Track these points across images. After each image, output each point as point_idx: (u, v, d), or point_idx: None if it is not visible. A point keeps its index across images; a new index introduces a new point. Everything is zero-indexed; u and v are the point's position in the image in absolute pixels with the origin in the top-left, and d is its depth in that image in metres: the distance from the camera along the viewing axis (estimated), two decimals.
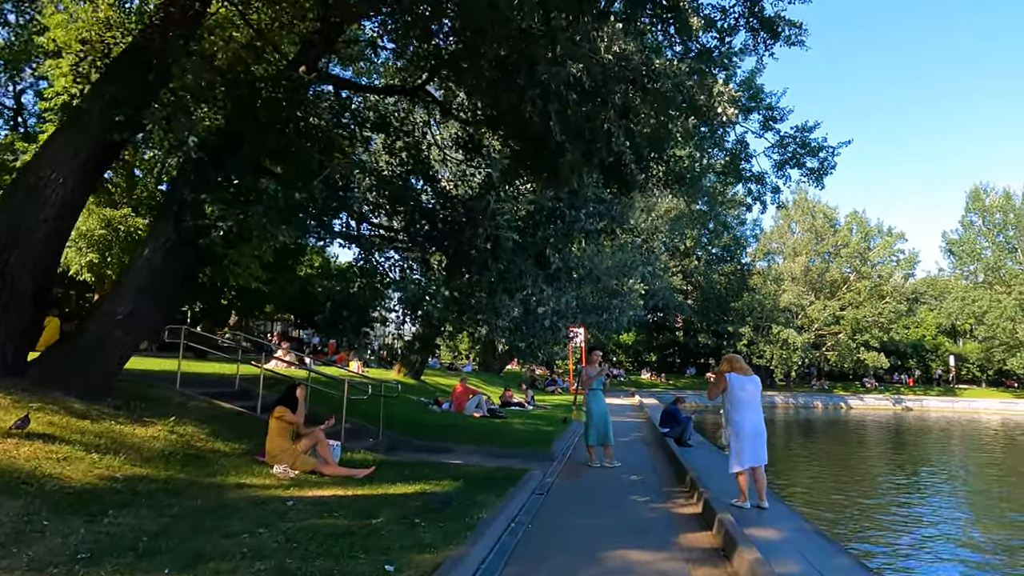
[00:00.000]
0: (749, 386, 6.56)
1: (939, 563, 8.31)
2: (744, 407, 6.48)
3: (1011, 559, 8.57)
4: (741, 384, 6.54)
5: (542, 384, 33.39)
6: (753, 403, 6.54)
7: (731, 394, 6.53)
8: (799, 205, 47.93)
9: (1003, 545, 9.29)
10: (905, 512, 11.32)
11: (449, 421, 13.17)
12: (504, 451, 10.02)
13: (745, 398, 6.50)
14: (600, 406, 9.19)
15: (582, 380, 9.42)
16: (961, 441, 25.87)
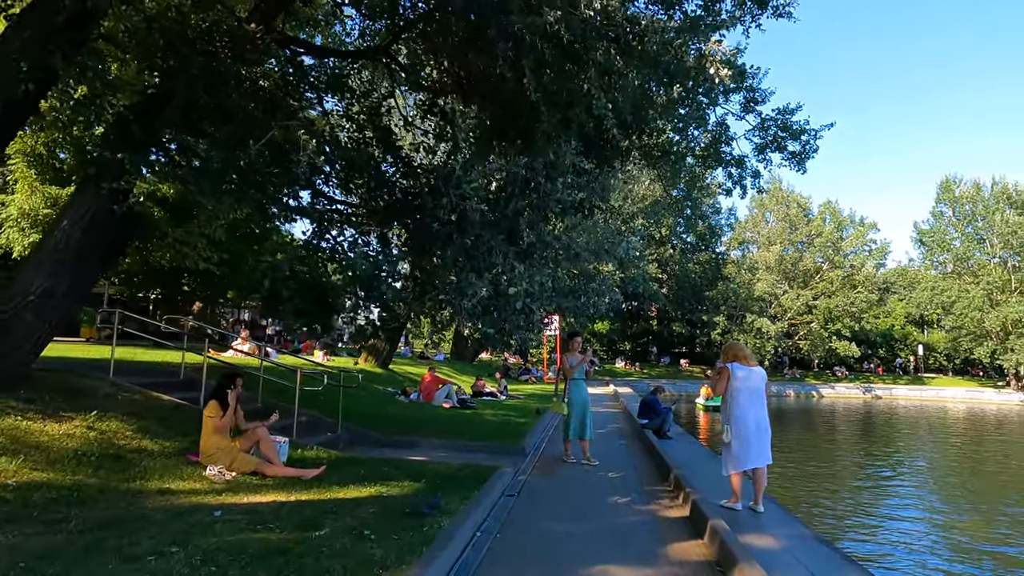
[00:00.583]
0: (753, 377, 5.94)
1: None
2: (746, 400, 5.86)
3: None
4: (743, 375, 5.92)
5: (516, 373, 32.77)
6: (756, 396, 5.92)
7: (732, 386, 5.90)
8: (773, 194, 48.00)
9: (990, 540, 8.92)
10: (880, 501, 10.96)
11: (416, 413, 12.42)
12: (473, 445, 9.32)
13: (747, 390, 5.88)
14: (582, 397, 8.55)
15: (563, 370, 8.71)
16: (935, 431, 25.96)
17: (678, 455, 8.72)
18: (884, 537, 8.94)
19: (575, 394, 8.52)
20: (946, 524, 9.97)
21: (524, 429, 11.07)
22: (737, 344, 6.24)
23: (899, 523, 9.72)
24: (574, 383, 8.59)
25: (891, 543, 8.68)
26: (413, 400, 14.77)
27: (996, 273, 41.00)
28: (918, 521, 10.03)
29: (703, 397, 30.40)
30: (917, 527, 9.62)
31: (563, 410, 8.46)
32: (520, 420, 12.70)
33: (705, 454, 9.67)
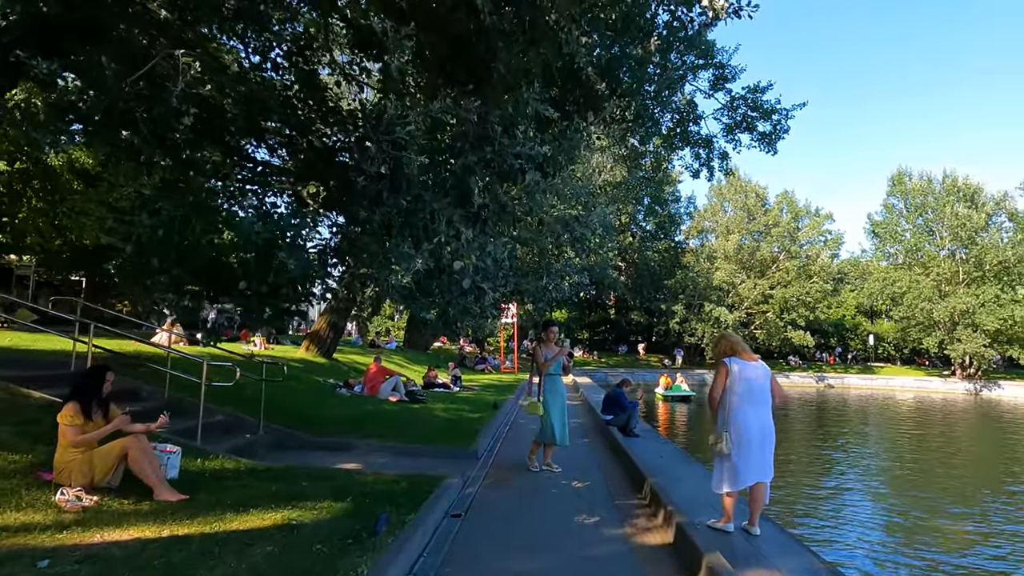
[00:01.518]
0: (755, 374, 4.92)
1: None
2: (748, 402, 4.83)
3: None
4: (744, 372, 4.89)
5: (472, 362, 31.60)
6: (761, 396, 4.90)
7: (732, 385, 4.86)
8: (732, 184, 47.87)
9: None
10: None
11: (357, 408, 11.13)
12: (418, 448, 8.12)
13: (749, 390, 4.85)
14: (559, 395, 7.47)
15: (536, 364, 7.55)
16: (891, 419, 25.99)
17: (649, 458, 7.72)
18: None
19: (550, 392, 7.42)
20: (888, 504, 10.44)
21: (477, 427, 9.92)
22: (732, 336, 5.20)
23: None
24: (550, 380, 7.48)
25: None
26: (357, 393, 13.46)
27: (945, 265, 41.79)
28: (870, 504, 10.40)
29: (662, 387, 29.90)
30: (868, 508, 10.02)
31: (538, 411, 7.34)
32: (474, 415, 11.56)
33: (677, 454, 8.72)
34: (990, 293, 39.11)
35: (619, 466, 7.85)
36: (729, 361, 4.89)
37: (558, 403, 7.42)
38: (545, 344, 7.56)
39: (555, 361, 7.46)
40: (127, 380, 8.45)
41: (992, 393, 38.58)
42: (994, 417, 27.12)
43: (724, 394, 4.87)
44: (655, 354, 48.23)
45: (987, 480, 12.50)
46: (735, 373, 4.86)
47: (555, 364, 7.47)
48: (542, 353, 7.47)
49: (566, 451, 8.38)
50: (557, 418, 7.34)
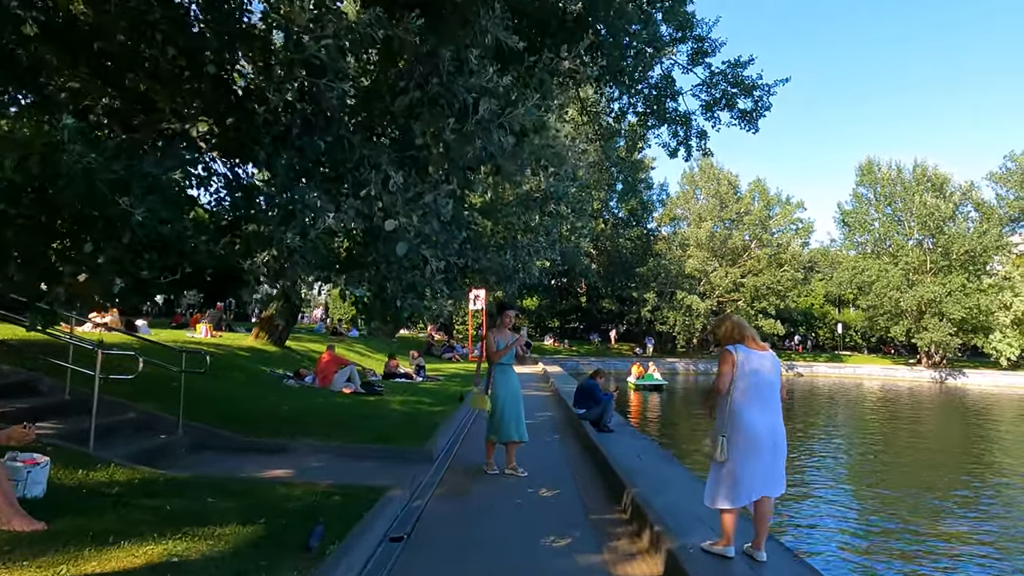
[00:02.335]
0: (764, 366, 4.01)
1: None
2: (756, 400, 3.93)
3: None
4: (751, 363, 3.98)
5: (439, 351, 30.50)
6: (770, 393, 4.00)
7: (738, 377, 3.95)
8: (704, 171, 47.56)
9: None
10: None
11: (303, 402, 10.02)
12: (364, 449, 7.08)
13: (757, 385, 3.95)
14: (511, 389, 6.54)
15: (487, 352, 6.66)
16: (867, 408, 25.79)
17: (627, 458, 6.83)
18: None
19: (501, 385, 6.49)
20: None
21: (437, 421, 8.91)
22: (738, 318, 4.27)
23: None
24: (500, 370, 6.55)
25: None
26: (307, 385, 12.33)
27: (913, 254, 42.02)
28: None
29: (634, 376, 29.26)
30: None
31: (485, 405, 6.41)
32: (434, 408, 10.55)
33: (657, 453, 7.85)
34: (957, 282, 39.43)
35: (594, 469, 6.93)
36: (734, 349, 3.98)
37: (511, 397, 6.49)
38: (498, 330, 6.60)
39: (509, 351, 6.52)
40: (22, 372, 7.27)
41: (957, 381, 39.03)
42: (967, 406, 27.14)
43: (729, 390, 3.96)
44: (627, 342, 47.80)
45: (971, 472, 12.07)
46: (740, 364, 3.95)
47: (508, 354, 6.53)
48: (494, 340, 6.53)
49: (534, 452, 7.45)
50: (511, 413, 6.42)
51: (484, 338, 6.69)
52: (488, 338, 6.60)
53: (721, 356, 4.04)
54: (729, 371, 3.96)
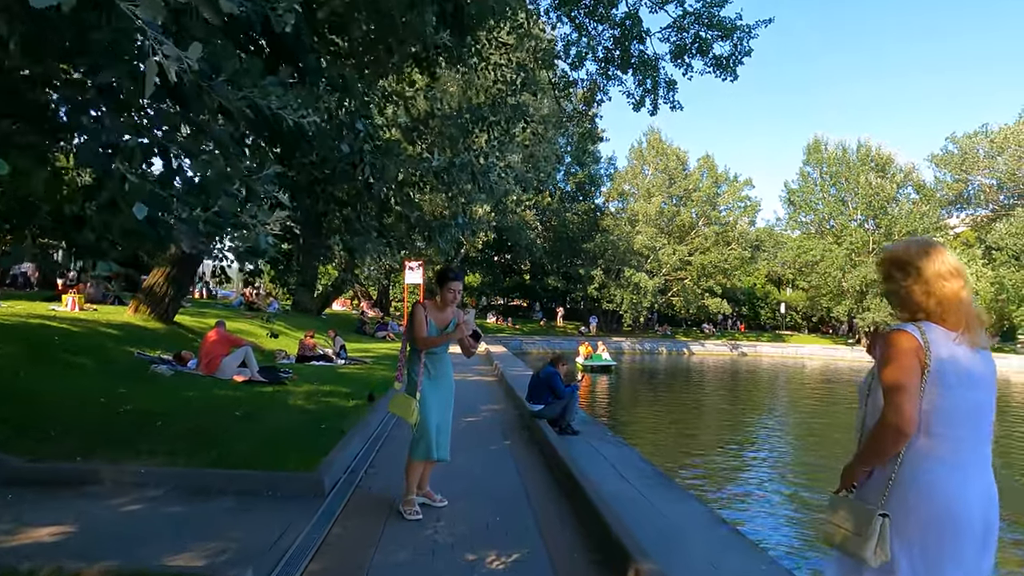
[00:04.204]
0: (979, 376, 1.89)
1: None
2: (965, 443, 1.85)
3: None
4: (960, 369, 1.86)
5: (372, 328, 27.85)
6: (984, 426, 1.91)
7: (932, 389, 1.84)
8: (653, 146, 46.21)
9: None
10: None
11: (168, 398, 7.46)
12: (223, 477, 4.70)
13: (968, 416, 1.85)
14: (444, 390, 4.41)
15: (413, 335, 4.39)
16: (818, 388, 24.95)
17: (608, 480, 4.76)
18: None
19: (435, 384, 4.33)
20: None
21: (343, 427, 6.58)
22: (941, 264, 2.11)
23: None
24: (432, 361, 4.35)
25: None
26: (189, 371, 9.73)
27: (857, 234, 42.03)
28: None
29: (582, 356, 27.52)
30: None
31: (411, 413, 4.20)
32: (346, 404, 8.19)
33: (644, 468, 5.82)
34: None
35: (563, 501, 4.80)
36: (929, 337, 1.87)
37: (443, 400, 4.36)
38: (434, 307, 4.41)
39: (447, 339, 4.35)
40: None
41: None
42: None
43: (917, 412, 1.84)
44: (570, 321, 46.31)
45: None
46: (941, 371, 1.84)
47: (444, 343, 4.38)
48: (424, 319, 4.32)
49: (477, 469, 5.29)
50: (434, 420, 4.28)
51: (410, 316, 4.40)
52: (416, 315, 4.32)
53: (891, 352, 1.89)
54: (915, 383, 1.83)
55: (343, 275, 25.98)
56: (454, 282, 4.34)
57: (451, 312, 4.41)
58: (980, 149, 43.17)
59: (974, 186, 45.10)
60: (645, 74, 14.36)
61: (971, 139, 43.56)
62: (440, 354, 4.37)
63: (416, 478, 4.38)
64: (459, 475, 5.16)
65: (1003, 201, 44.57)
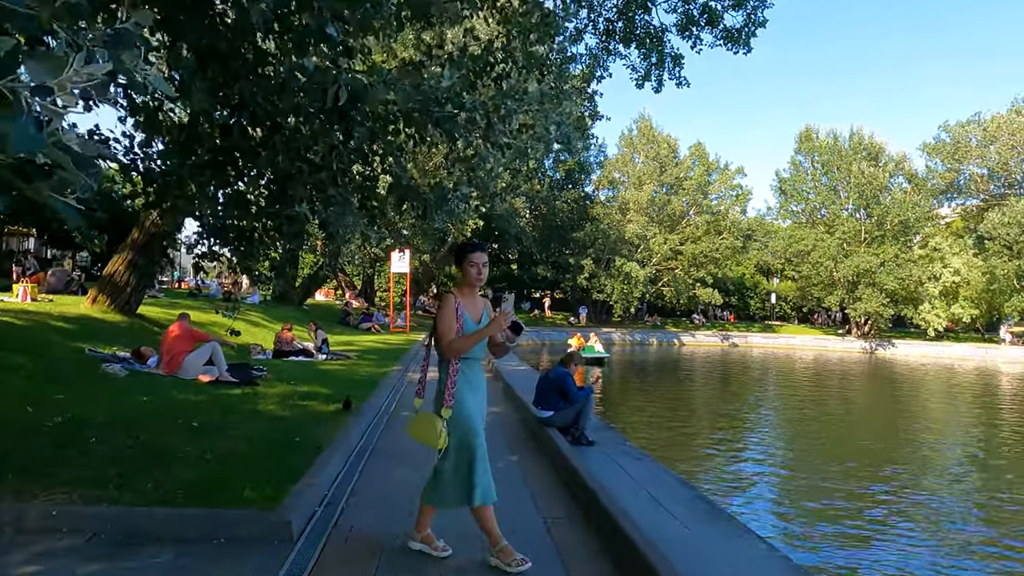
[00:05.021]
0: None
1: None
2: None
3: None
4: None
5: (356, 320, 26.71)
6: None
7: None
8: (643, 133, 45.30)
9: None
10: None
11: (113, 404, 6.38)
12: (162, 516, 3.67)
13: None
14: (477, 410, 3.38)
15: (439, 338, 3.31)
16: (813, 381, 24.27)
17: (642, 508, 3.80)
18: None
19: (466, 399, 3.30)
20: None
21: (314, 445, 5.56)
22: None
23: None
24: (465, 371, 3.33)
25: None
26: (148, 370, 8.63)
27: (849, 224, 41.47)
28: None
29: (575, 348, 26.62)
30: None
31: (437, 436, 3.18)
32: (325, 409, 7.17)
33: (684, 491, 4.87)
34: (890, 252, 39.16)
35: (591, 535, 3.83)
36: None
37: (475, 422, 3.30)
38: (463, 293, 3.38)
39: (482, 336, 3.29)
40: None
41: (887, 352, 38.95)
42: (906, 377, 26.22)
43: None
44: (559, 311, 45.44)
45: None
46: None
47: (481, 344, 3.34)
48: (456, 313, 3.27)
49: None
50: (481, 444, 3.27)
51: (438, 309, 3.37)
52: (446, 308, 3.29)
53: None
54: None
55: (327, 263, 24.78)
56: (476, 253, 3.31)
57: (481, 301, 3.42)
58: (973, 138, 42.75)
59: (965, 176, 44.76)
60: (650, 47, 13.37)
61: (964, 128, 43.11)
62: (478, 357, 3.38)
63: (425, 520, 3.42)
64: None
65: (993, 191, 44.32)
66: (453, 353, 3.23)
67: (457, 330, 3.25)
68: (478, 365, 3.42)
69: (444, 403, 3.20)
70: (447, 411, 3.19)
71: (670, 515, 4.18)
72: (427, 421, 3.20)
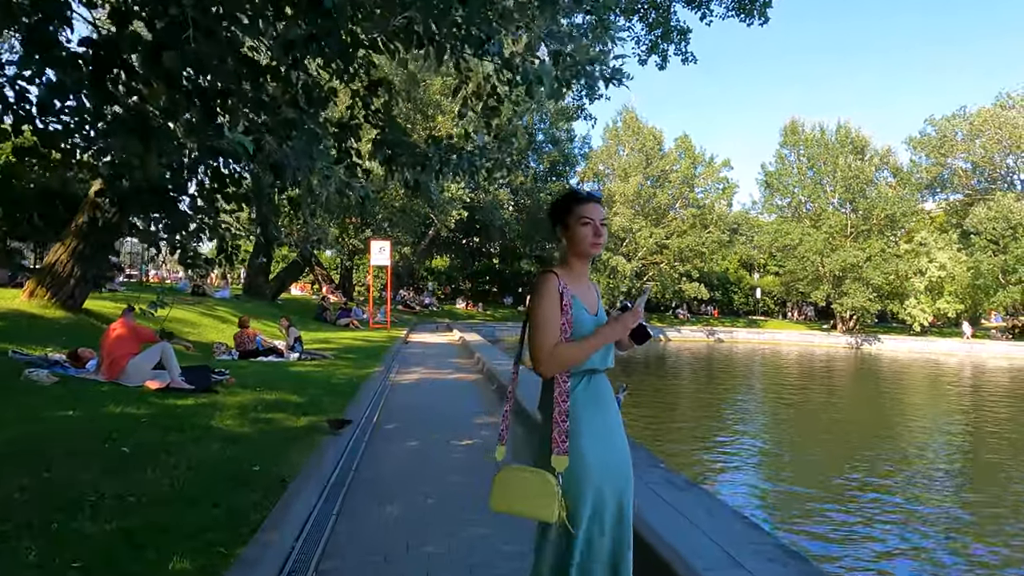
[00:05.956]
0: None
1: None
2: None
3: None
4: None
5: (334, 316, 25.36)
6: None
7: None
8: (628, 125, 44.41)
9: None
10: None
11: (21, 423, 5.11)
12: None
13: None
14: (618, 450, 2.10)
15: (537, 344, 2.03)
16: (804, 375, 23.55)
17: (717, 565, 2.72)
18: None
19: (589, 438, 2.03)
20: None
21: (280, 471, 4.39)
22: None
23: None
24: (589, 386, 2.10)
25: None
26: (85, 375, 7.33)
27: (835, 218, 41.05)
28: None
29: None
30: None
31: (548, 506, 1.91)
32: (290, 424, 5.98)
33: (758, 536, 3.82)
34: (876, 247, 38.81)
35: None
36: None
37: (612, 476, 2.05)
38: (565, 271, 2.21)
39: (607, 340, 2.08)
40: None
41: (872, 347, 38.60)
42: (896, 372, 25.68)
43: None
44: None
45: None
46: None
47: (607, 348, 2.14)
48: (557, 305, 2.06)
49: (498, 543, 3.18)
50: (623, 538, 2.07)
51: (533, 297, 2.13)
52: (544, 296, 2.07)
53: None
54: None
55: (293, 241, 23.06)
56: (590, 205, 2.19)
57: (593, 285, 2.29)
58: (958, 132, 42.58)
59: (949, 170, 44.63)
60: (656, 20, 12.33)
61: (949, 121, 42.91)
62: (598, 370, 2.14)
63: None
64: (478, 555, 3.06)
65: (975, 185, 44.27)
66: (560, 365, 2.03)
67: (565, 327, 2.07)
68: (605, 381, 2.18)
69: (554, 447, 1.99)
70: (561, 460, 1.97)
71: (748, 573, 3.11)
72: (526, 481, 1.97)
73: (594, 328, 2.09)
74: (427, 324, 29.78)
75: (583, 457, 1.99)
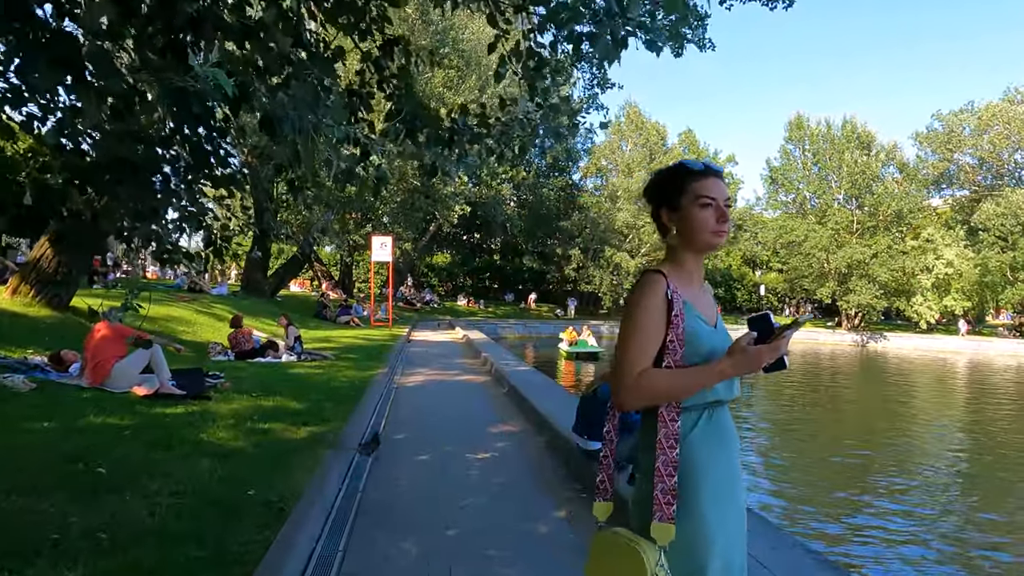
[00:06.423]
0: None
1: None
2: None
3: None
4: None
5: (334, 313, 24.80)
6: None
7: None
8: (631, 120, 43.86)
9: None
10: None
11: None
12: None
13: None
14: (725, 521, 1.49)
15: (627, 371, 1.50)
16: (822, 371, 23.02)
17: None
18: None
19: (708, 499, 1.48)
20: None
21: (277, 498, 3.85)
22: None
23: None
24: (708, 426, 1.56)
25: None
26: (65, 380, 6.78)
27: (841, 214, 40.51)
28: None
29: (567, 343, 25.00)
30: None
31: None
32: (289, 436, 5.43)
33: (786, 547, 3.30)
34: (883, 244, 38.28)
35: None
36: None
37: (727, 550, 1.49)
38: (673, 271, 1.62)
39: (733, 375, 1.51)
40: None
41: (878, 344, 38.12)
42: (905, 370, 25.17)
43: None
44: (546, 303, 43.89)
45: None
46: None
47: (732, 381, 1.60)
48: (662, 316, 1.50)
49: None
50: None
51: (628, 307, 1.56)
52: (650, 305, 1.51)
53: None
54: None
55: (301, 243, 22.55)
56: (711, 180, 1.60)
57: (707, 290, 1.76)
58: (966, 127, 42.01)
59: (956, 166, 44.08)
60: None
61: (957, 117, 42.34)
62: (726, 399, 1.62)
63: None
64: None
65: (982, 181, 43.72)
66: (647, 399, 1.50)
67: (675, 346, 1.51)
68: (727, 414, 1.64)
69: (655, 511, 1.44)
70: (664, 529, 1.43)
71: None
72: (620, 555, 1.44)
73: (708, 343, 1.54)
74: (429, 321, 29.22)
75: (703, 521, 1.45)
